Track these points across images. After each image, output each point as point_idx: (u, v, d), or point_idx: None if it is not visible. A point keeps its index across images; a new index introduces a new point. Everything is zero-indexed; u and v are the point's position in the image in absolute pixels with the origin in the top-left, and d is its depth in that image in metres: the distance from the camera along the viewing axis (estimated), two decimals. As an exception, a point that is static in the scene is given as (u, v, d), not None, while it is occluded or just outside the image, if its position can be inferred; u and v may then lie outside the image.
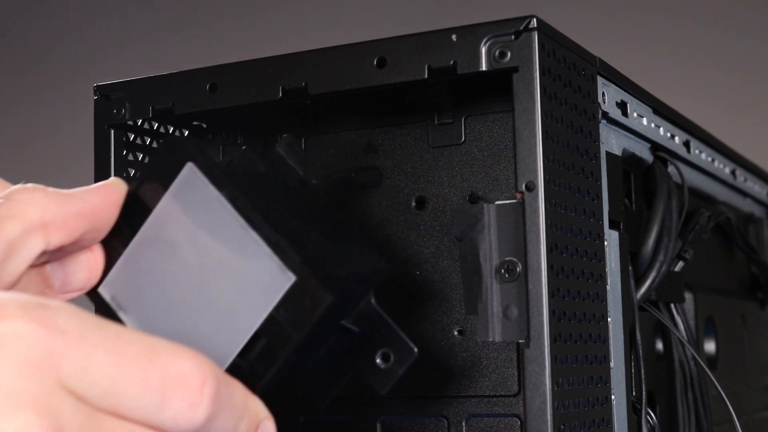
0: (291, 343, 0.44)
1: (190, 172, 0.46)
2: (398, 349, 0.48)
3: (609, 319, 0.59)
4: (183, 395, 0.36)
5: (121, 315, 0.47)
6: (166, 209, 0.46)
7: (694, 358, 0.70)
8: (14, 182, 0.47)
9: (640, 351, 0.63)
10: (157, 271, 0.46)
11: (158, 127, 0.67)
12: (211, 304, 0.45)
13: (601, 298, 0.58)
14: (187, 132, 0.69)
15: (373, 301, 0.48)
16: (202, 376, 0.37)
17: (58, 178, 2.12)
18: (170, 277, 0.46)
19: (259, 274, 0.44)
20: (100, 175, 0.64)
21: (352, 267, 0.47)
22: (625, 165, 0.66)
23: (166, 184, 0.46)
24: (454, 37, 0.54)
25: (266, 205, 0.45)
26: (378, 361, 0.48)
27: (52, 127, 2.11)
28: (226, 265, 0.44)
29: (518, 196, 0.53)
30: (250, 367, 0.44)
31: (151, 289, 0.46)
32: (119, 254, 0.47)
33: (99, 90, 0.64)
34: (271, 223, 0.44)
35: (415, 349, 0.48)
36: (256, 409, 0.40)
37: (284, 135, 0.50)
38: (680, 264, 0.71)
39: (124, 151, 0.65)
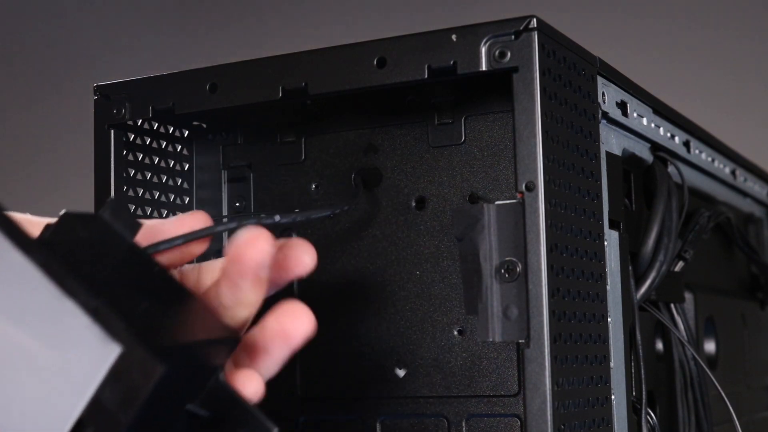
0: (120, 429, 0.37)
1: None
2: (254, 430, 0.43)
3: (609, 319, 0.59)
4: None
5: None
6: None
7: (694, 358, 0.70)
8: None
9: (640, 351, 0.63)
10: None
11: (158, 127, 0.67)
12: (22, 393, 0.38)
13: (601, 298, 0.58)
14: (187, 132, 0.69)
15: (221, 377, 0.43)
16: None
17: (59, 178, 2.12)
18: None
19: (78, 350, 0.37)
20: (100, 175, 0.64)
21: (194, 336, 0.42)
22: (625, 165, 0.66)
23: None
24: (454, 37, 0.54)
25: (88, 273, 0.39)
26: None
27: (52, 127, 2.11)
28: (38, 343, 0.38)
29: (518, 196, 0.53)
30: None
31: None
32: None
33: (99, 90, 0.64)
34: (92, 291, 0.38)
35: (275, 429, 0.43)
36: None
37: (109, 198, 0.45)
38: (680, 264, 0.71)
39: (124, 151, 0.65)
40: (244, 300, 0.46)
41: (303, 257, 0.48)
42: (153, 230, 0.47)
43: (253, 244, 0.44)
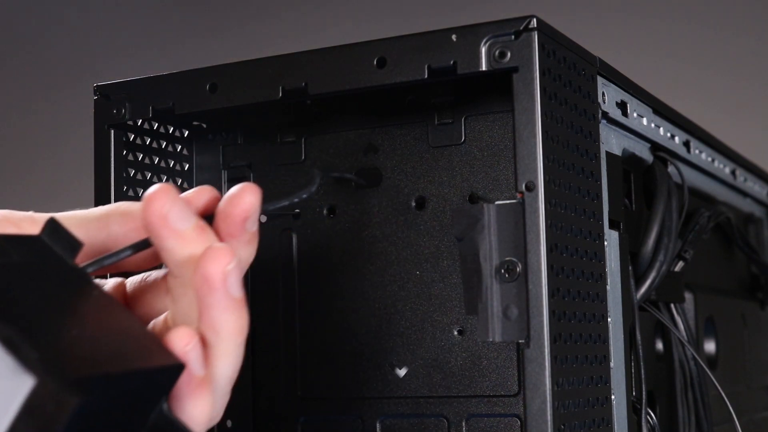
0: None
1: None
2: None
3: (609, 319, 0.59)
4: None
5: None
6: None
7: (694, 358, 0.70)
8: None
9: (640, 351, 0.63)
10: None
11: (158, 127, 0.67)
12: None
13: (601, 298, 0.58)
14: (187, 132, 0.69)
15: (165, 407, 0.41)
16: None
17: (59, 178, 2.11)
18: None
19: None
20: (100, 175, 0.64)
21: (129, 364, 0.39)
22: (625, 165, 0.66)
23: None
24: (454, 37, 0.54)
25: (9, 299, 0.37)
26: None
27: (52, 127, 2.11)
28: None
29: (518, 196, 0.53)
30: None
31: None
32: None
33: (99, 90, 0.64)
34: (10, 319, 0.36)
35: None
36: None
37: (48, 219, 0.43)
38: (680, 264, 0.71)
39: (124, 151, 0.65)
40: (175, 256, 0.45)
41: (243, 196, 0.46)
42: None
43: (154, 197, 0.44)
